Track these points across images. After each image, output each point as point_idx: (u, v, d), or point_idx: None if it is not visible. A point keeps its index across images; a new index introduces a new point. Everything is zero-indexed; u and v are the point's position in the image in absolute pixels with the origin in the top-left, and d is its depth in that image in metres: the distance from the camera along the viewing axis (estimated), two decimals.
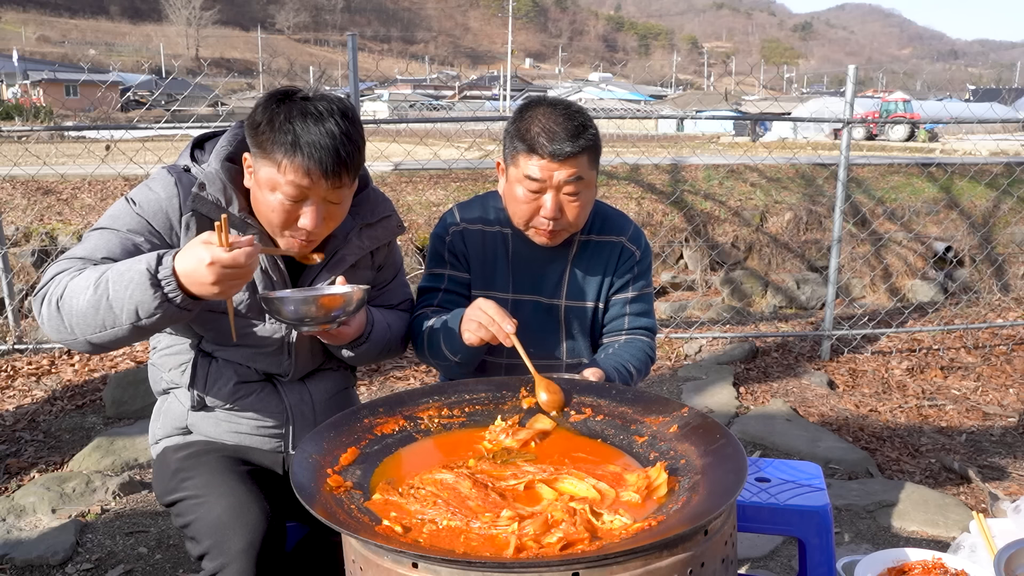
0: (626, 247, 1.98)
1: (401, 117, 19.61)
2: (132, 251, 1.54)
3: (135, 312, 1.38)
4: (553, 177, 1.75)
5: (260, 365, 1.77)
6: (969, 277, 6.92)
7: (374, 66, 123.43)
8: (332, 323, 1.59)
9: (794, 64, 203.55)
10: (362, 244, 1.79)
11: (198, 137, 1.76)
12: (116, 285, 1.38)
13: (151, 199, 1.61)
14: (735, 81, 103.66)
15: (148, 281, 1.35)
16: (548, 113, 1.77)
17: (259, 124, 1.54)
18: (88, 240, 1.56)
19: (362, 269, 1.83)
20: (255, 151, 1.57)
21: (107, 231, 1.57)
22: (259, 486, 1.62)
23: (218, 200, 1.61)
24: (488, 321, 1.62)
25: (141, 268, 1.36)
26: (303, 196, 1.55)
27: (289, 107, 1.54)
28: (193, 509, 1.57)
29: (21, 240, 5.50)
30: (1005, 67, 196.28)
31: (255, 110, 1.58)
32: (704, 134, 24.76)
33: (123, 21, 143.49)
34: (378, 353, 1.85)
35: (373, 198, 1.83)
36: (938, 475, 3.40)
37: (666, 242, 6.52)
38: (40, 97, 30.96)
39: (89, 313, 1.40)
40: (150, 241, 1.58)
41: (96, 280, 1.40)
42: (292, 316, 1.55)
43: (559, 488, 1.29)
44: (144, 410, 3.71)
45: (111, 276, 1.39)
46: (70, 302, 1.42)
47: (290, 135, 1.50)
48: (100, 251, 1.53)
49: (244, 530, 1.50)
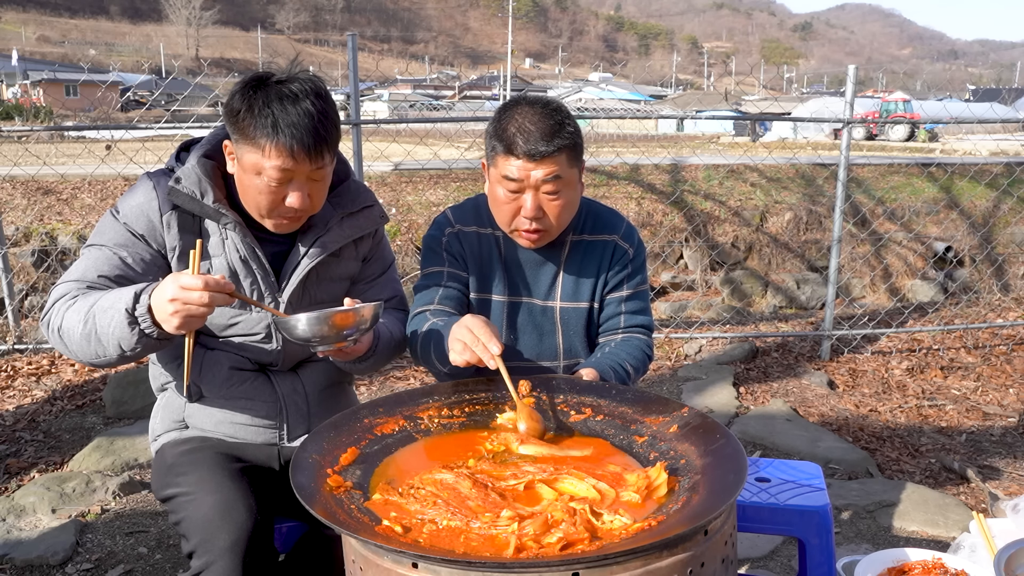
0: (619, 245, 1.96)
1: (401, 117, 19.62)
2: (120, 267, 1.63)
3: (119, 346, 1.50)
4: (531, 177, 1.74)
5: (250, 354, 1.78)
6: (969, 277, 6.92)
7: (374, 66, 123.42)
8: (346, 342, 1.58)
9: (794, 64, 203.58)
10: (343, 232, 1.81)
11: (184, 142, 1.80)
12: (101, 321, 1.50)
13: (132, 205, 1.67)
14: (735, 81, 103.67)
15: (126, 320, 1.46)
16: (526, 112, 1.77)
17: (238, 111, 1.58)
18: (82, 259, 1.66)
19: (346, 259, 1.85)
20: (236, 137, 1.61)
21: (96, 248, 1.65)
22: (250, 483, 1.63)
23: (193, 192, 1.65)
24: (473, 341, 1.56)
25: (120, 308, 1.47)
26: (288, 177, 1.60)
27: (266, 92, 1.57)
28: (184, 506, 1.59)
29: (21, 240, 5.50)
30: (1005, 67, 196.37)
31: (232, 97, 1.61)
32: (704, 134, 24.76)
33: (123, 21, 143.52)
34: (382, 362, 1.85)
35: (354, 188, 1.86)
36: (938, 475, 3.40)
37: (666, 242, 6.52)
38: (40, 97, 30.98)
39: (83, 345, 1.53)
40: (136, 250, 1.65)
41: (85, 315, 1.52)
42: (305, 337, 1.53)
43: (559, 488, 1.29)
44: (144, 410, 3.71)
45: (96, 312, 1.51)
46: (68, 334, 1.55)
47: (269, 118, 1.55)
48: (91, 271, 1.62)
49: (230, 528, 1.51)
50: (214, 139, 1.75)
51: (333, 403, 1.89)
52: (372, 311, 1.57)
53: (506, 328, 1.95)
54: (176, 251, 1.68)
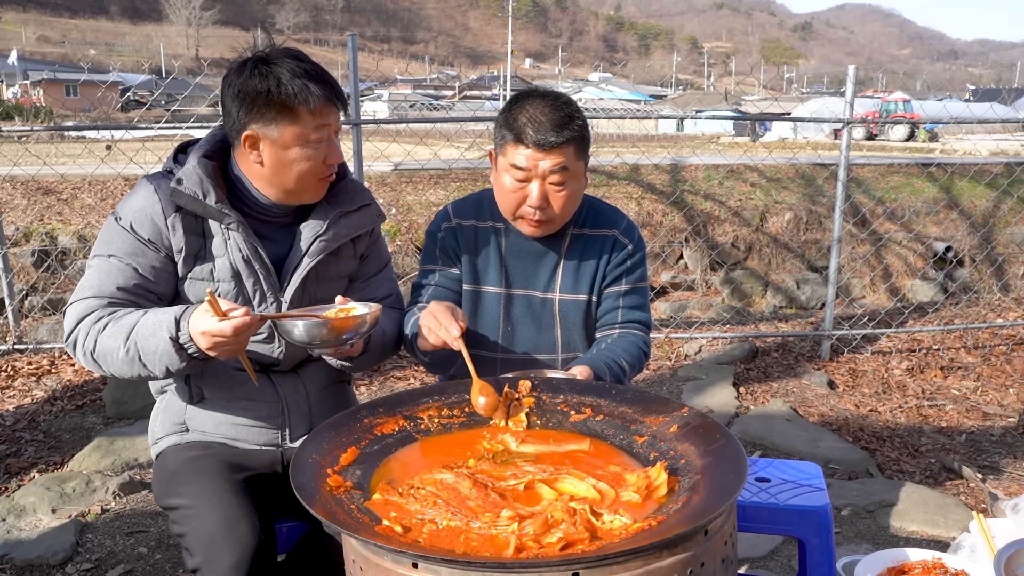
0: (619, 240, 1.99)
1: (401, 117, 19.61)
2: (135, 276, 1.65)
3: (166, 369, 1.57)
4: (538, 166, 1.79)
5: (252, 356, 1.78)
6: (969, 277, 6.92)
7: (374, 66, 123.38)
8: (344, 345, 1.61)
9: (794, 64, 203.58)
10: (340, 231, 1.81)
11: (182, 143, 1.80)
12: (145, 348, 1.55)
13: (135, 209, 1.66)
14: (735, 81, 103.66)
15: (173, 348, 1.53)
16: (536, 104, 1.81)
17: (259, 92, 1.59)
18: (93, 272, 1.66)
19: (345, 258, 1.86)
20: (264, 121, 1.62)
21: (105, 260, 1.66)
22: (252, 495, 1.62)
23: (194, 193, 1.65)
24: (436, 326, 1.64)
25: (164, 336, 1.53)
26: (327, 135, 1.67)
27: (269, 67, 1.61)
28: (186, 520, 1.58)
29: (21, 240, 5.50)
30: (1005, 67, 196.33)
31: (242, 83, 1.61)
32: (704, 134, 24.75)
33: (123, 21, 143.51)
34: (374, 361, 1.88)
35: (351, 187, 1.87)
36: (938, 475, 3.40)
37: (666, 242, 6.52)
38: (40, 97, 30.95)
39: (125, 368, 1.60)
40: (146, 259, 1.66)
41: (125, 341, 1.57)
42: (303, 340, 1.56)
43: (559, 488, 1.29)
44: (144, 410, 3.71)
45: (138, 340, 1.56)
46: (105, 359, 1.60)
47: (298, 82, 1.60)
48: (108, 285, 1.63)
49: (234, 547, 1.50)
50: (212, 139, 1.75)
51: (334, 403, 1.89)
52: (373, 316, 1.59)
53: (503, 320, 1.97)
54: (182, 253, 1.68)
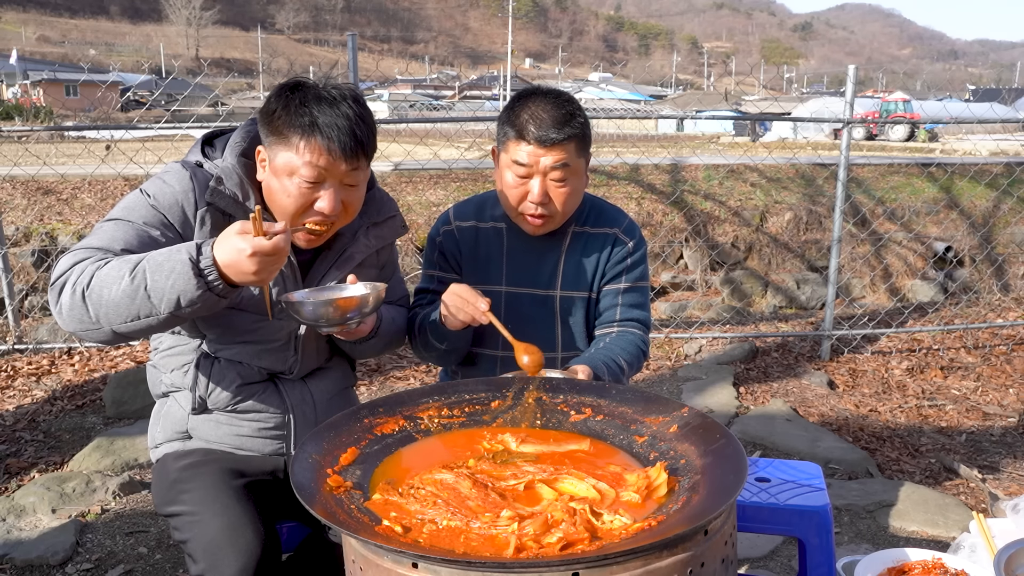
0: (619, 238, 2.01)
1: (401, 117, 19.60)
2: (149, 244, 1.52)
3: (176, 301, 1.37)
4: (540, 163, 1.81)
5: (265, 363, 1.77)
6: (969, 277, 6.92)
7: (374, 66, 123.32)
8: (350, 323, 1.62)
9: (794, 64, 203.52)
10: (369, 243, 1.82)
11: (207, 134, 1.77)
12: (155, 275, 1.37)
13: (166, 192, 1.60)
14: (735, 81, 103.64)
15: (191, 271, 1.35)
16: (539, 101, 1.84)
17: (274, 111, 1.57)
18: (103, 231, 1.53)
19: (368, 267, 1.86)
20: (270, 139, 1.59)
21: (122, 222, 1.54)
22: (256, 501, 1.62)
23: (235, 194, 1.62)
24: (462, 303, 1.69)
25: (183, 258, 1.36)
26: (321, 178, 1.57)
27: (303, 93, 1.57)
28: (189, 527, 1.57)
29: (21, 240, 5.50)
30: (1005, 67, 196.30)
31: (269, 100, 1.61)
32: (704, 134, 24.75)
33: (123, 21, 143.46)
34: (383, 347, 1.89)
35: (379, 198, 1.87)
36: (938, 475, 3.40)
37: (666, 242, 6.52)
38: (40, 97, 30.93)
39: (123, 303, 1.38)
40: (165, 235, 1.57)
41: (131, 270, 1.38)
42: (311, 318, 1.58)
43: (559, 488, 1.29)
44: (144, 410, 3.70)
45: (148, 266, 1.38)
46: (99, 292, 1.39)
47: (306, 117, 1.54)
48: (118, 242, 1.50)
49: (238, 554, 1.50)
50: (247, 135, 1.71)
51: (339, 410, 1.88)
52: (376, 296, 1.61)
53: (505, 318, 1.98)
54: None
